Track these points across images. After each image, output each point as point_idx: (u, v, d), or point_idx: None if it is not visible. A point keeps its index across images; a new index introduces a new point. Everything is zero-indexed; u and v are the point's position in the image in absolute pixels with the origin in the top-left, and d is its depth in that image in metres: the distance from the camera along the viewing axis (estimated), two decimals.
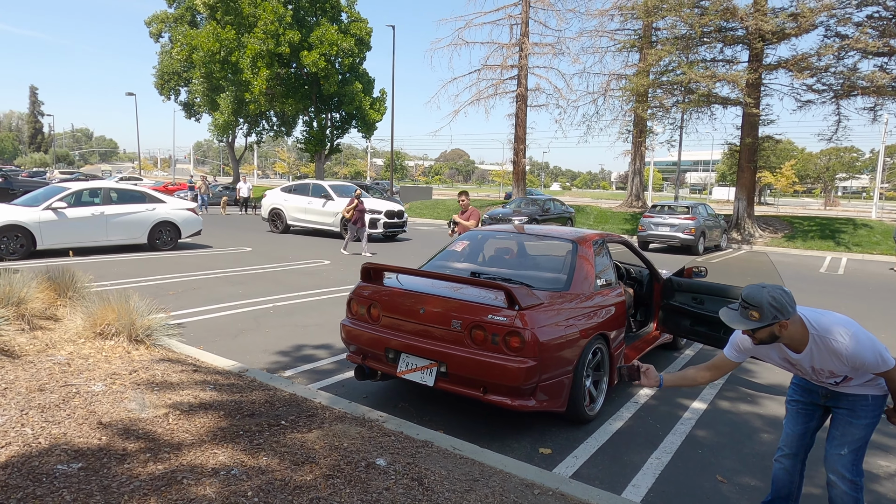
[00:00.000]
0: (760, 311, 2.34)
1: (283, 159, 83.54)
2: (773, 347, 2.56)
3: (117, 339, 4.70)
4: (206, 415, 3.51)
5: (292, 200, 17.77)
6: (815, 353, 2.45)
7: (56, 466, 2.77)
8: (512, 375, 3.57)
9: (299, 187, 18.27)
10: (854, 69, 18.93)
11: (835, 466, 2.57)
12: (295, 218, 17.62)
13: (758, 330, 2.40)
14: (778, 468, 2.81)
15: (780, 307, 2.34)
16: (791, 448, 2.77)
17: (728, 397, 4.89)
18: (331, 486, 2.80)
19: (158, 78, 42.82)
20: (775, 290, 2.36)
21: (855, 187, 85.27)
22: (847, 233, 20.11)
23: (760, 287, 2.38)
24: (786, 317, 2.35)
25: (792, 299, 2.38)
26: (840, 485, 2.56)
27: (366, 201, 16.78)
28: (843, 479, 2.55)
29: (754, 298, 2.36)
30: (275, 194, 18.45)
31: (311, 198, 17.43)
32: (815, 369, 2.53)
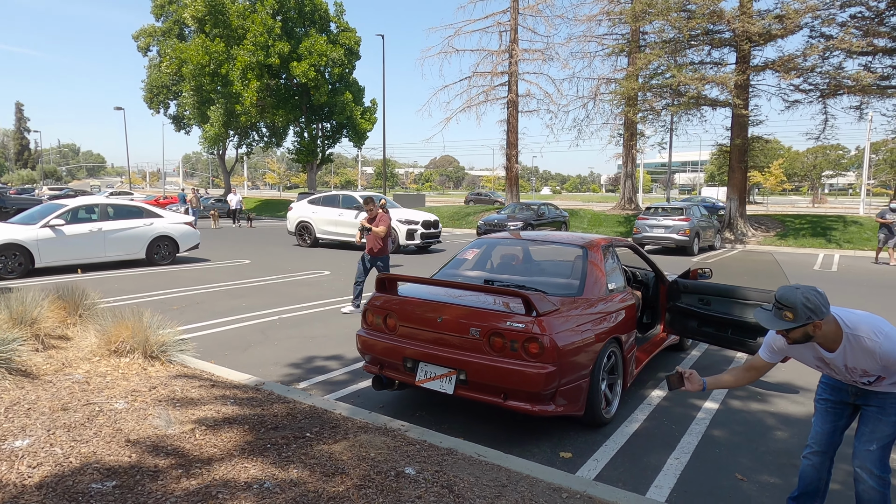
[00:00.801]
0: (794, 311, 2.40)
1: (274, 170, 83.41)
2: (807, 347, 2.61)
3: (132, 357, 4.71)
4: (231, 429, 3.53)
5: (321, 213, 16.99)
6: (848, 352, 2.50)
7: (90, 485, 2.78)
8: (532, 381, 3.62)
9: (328, 198, 17.47)
10: (839, 69, 19.24)
11: (863, 462, 2.63)
12: (325, 231, 16.87)
13: (792, 330, 2.46)
14: (806, 464, 2.87)
15: (815, 308, 2.39)
16: (820, 445, 2.83)
17: (739, 396, 4.96)
18: (364, 497, 2.83)
19: (147, 92, 42.69)
20: (809, 290, 2.42)
21: (841, 184, 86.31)
22: (838, 230, 20.37)
23: (794, 288, 2.44)
24: (820, 317, 2.40)
25: (825, 300, 2.43)
26: (868, 480, 2.62)
27: (401, 212, 16.25)
28: (871, 475, 2.61)
29: (788, 300, 2.41)
30: (301, 207, 17.60)
31: (342, 209, 16.59)
32: (848, 368, 2.58)
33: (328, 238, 16.92)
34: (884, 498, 2.62)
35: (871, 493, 2.62)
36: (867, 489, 2.63)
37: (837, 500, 3.26)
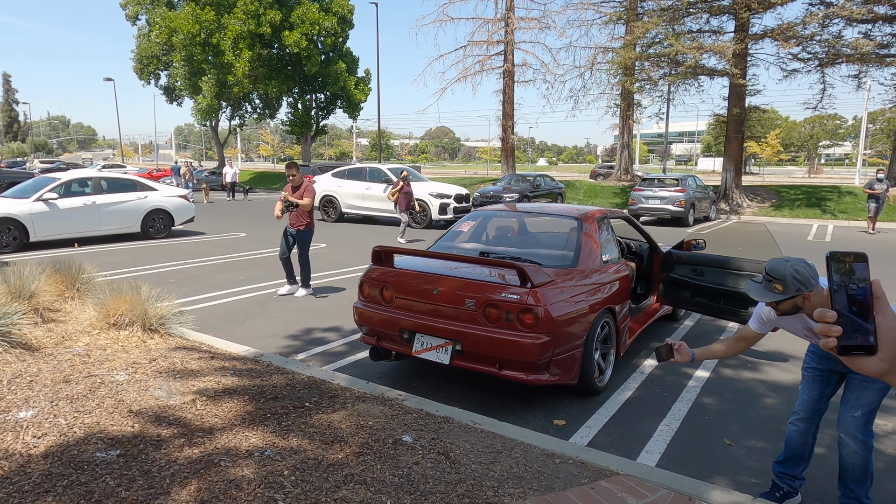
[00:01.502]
0: (784, 283, 2.44)
1: (268, 142, 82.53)
2: (797, 317, 2.66)
3: (131, 329, 4.75)
4: (231, 399, 3.59)
5: (347, 186, 16.41)
6: None
7: (95, 454, 2.85)
8: (527, 351, 3.69)
9: (353, 171, 16.87)
10: (839, 37, 19.05)
11: (848, 428, 2.72)
12: (351, 205, 16.35)
13: (781, 302, 2.50)
14: (793, 430, 2.95)
15: (804, 280, 2.43)
16: (806, 412, 2.91)
17: (730, 365, 5.06)
18: (363, 463, 2.91)
19: (137, 62, 41.94)
20: (798, 263, 2.46)
21: (838, 154, 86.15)
22: (833, 200, 20.44)
23: (784, 260, 2.48)
24: (809, 289, 2.44)
25: (815, 272, 2.47)
26: (851, 444, 2.71)
27: (431, 185, 15.84)
28: (854, 440, 2.70)
29: (778, 272, 2.45)
30: (326, 180, 16.91)
31: (370, 183, 16.01)
32: None
33: (355, 213, 16.42)
34: (866, 462, 2.71)
35: (854, 457, 2.72)
36: (851, 454, 2.72)
37: (822, 464, 3.37)
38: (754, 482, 3.20)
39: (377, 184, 15.86)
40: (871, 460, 2.74)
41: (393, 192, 12.61)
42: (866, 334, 0.81)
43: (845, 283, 0.82)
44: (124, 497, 2.51)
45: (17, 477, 2.62)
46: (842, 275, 0.83)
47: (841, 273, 0.83)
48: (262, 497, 2.56)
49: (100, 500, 2.48)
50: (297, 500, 2.56)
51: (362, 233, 14.23)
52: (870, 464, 2.74)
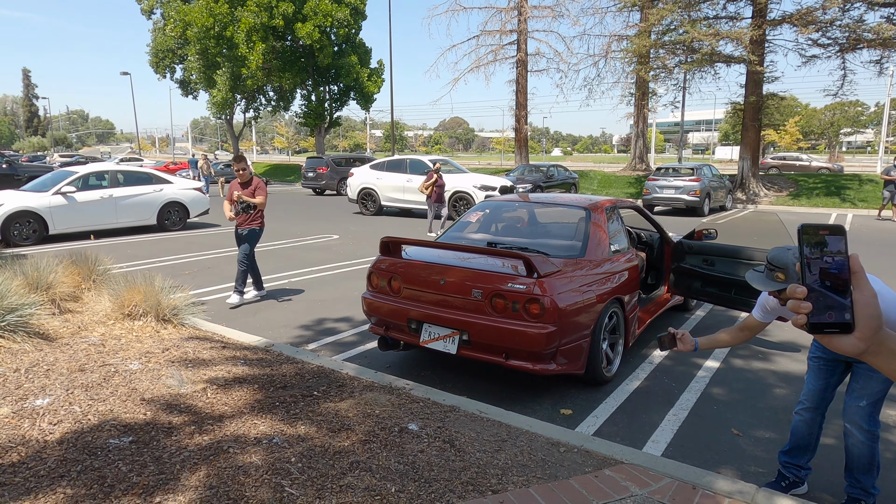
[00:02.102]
0: (786, 272, 2.43)
1: (282, 134, 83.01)
2: None
3: (145, 320, 4.84)
4: (241, 388, 3.66)
5: (387, 179, 16.02)
6: None
7: (108, 441, 2.92)
8: (533, 341, 3.70)
9: (393, 163, 16.47)
10: (860, 21, 18.61)
11: (853, 417, 2.70)
12: (391, 198, 15.97)
13: (783, 291, 2.49)
14: (798, 420, 2.94)
15: None
16: (812, 402, 2.89)
17: (741, 355, 5.03)
18: (368, 451, 2.95)
19: (153, 56, 42.27)
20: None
21: (860, 142, 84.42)
22: (852, 189, 20.07)
23: (786, 249, 2.47)
24: None
25: None
26: (857, 434, 2.69)
27: (474, 177, 15.55)
28: (860, 430, 2.68)
29: (780, 260, 2.45)
30: (364, 172, 16.61)
31: (411, 175, 15.55)
32: None
33: (395, 206, 16.10)
34: (872, 451, 2.70)
35: (860, 447, 2.70)
36: (856, 443, 2.70)
37: (829, 454, 3.35)
38: (761, 472, 3.19)
39: (419, 176, 15.22)
40: (877, 450, 2.72)
41: (426, 185, 12.11)
42: (842, 311, 0.77)
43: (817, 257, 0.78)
44: (136, 482, 2.58)
45: (34, 462, 2.70)
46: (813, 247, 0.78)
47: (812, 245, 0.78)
48: (270, 483, 2.62)
49: (112, 485, 2.55)
50: (303, 486, 2.60)
51: (388, 224, 14.27)
52: (876, 454, 2.72)
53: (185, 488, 2.55)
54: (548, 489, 2.70)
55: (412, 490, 2.63)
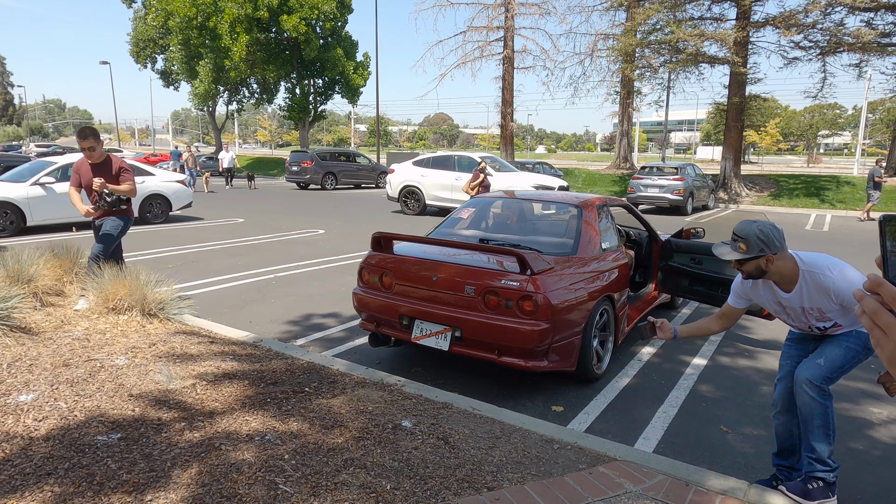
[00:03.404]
0: (748, 242, 2.46)
1: (265, 127, 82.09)
2: (766, 288, 2.66)
3: (130, 314, 4.75)
4: (231, 384, 3.61)
5: (433, 176, 15.12)
6: (804, 291, 2.53)
7: (96, 437, 2.86)
8: (526, 338, 3.70)
9: (439, 160, 15.63)
10: (841, 25, 18.95)
11: (804, 374, 2.64)
12: (437, 197, 15.09)
13: (745, 262, 2.52)
14: (776, 424, 2.95)
15: (767, 240, 2.45)
16: (783, 405, 2.88)
17: (727, 353, 5.09)
18: (362, 448, 2.93)
19: (133, 45, 41.51)
20: (765, 224, 2.49)
21: (837, 144, 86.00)
22: (831, 190, 20.45)
23: (751, 222, 2.51)
24: (772, 251, 2.45)
25: (781, 235, 2.49)
26: (807, 390, 2.62)
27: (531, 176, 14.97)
28: (810, 385, 2.61)
29: (743, 230, 2.49)
30: (406, 170, 15.67)
31: (459, 172, 14.74)
32: (805, 310, 2.59)
33: (440, 205, 15.11)
34: (825, 411, 2.62)
35: (811, 405, 2.62)
36: (807, 402, 2.63)
37: None
38: (751, 468, 3.23)
39: (468, 174, 14.25)
40: (830, 414, 2.64)
41: (472, 186, 11.30)
42: None
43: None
44: (126, 479, 2.52)
45: (19, 459, 2.64)
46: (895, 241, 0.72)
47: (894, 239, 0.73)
48: (263, 480, 2.58)
49: (101, 483, 2.49)
50: (297, 484, 2.57)
51: (378, 222, 14.19)
52: (830, 415, 2.64)
53: (176, 486, 2.50)
54: (543, 486, 2.71)
55: (408, 487, 2.61)
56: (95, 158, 5.16)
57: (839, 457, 3.33)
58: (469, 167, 14.70)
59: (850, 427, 3.73)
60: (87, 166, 5.21)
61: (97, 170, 5.19)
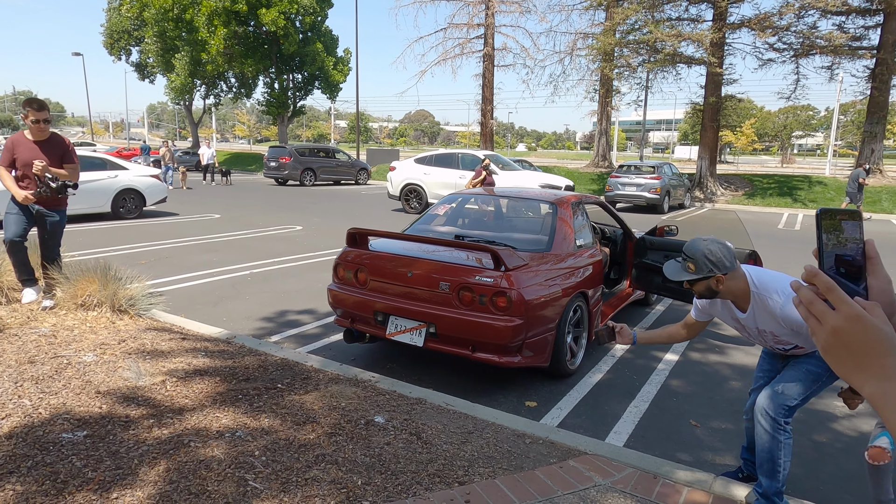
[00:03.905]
0: (696, 262, 2.39)
1: (244, 122, 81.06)
2: (725, 306, 2.58)
3: (100, 310, 4.66)
4: (202, 381, 3.56)
5: (436, 175, 14.78)
6: (756, 313, 2.45)
7: (61, 435, 2.81)
8: (500, 334, 3.72)
9: (442, 158, 15.38)
10: (814, 28, 19.35)
11: (762, 403, 2.53)
12: (440, 196, 14.26)
13: (695, 283, 2.44)
14: (747, 427, 2.96)
15: (716, 261, 2.37)
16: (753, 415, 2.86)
17: (698, 349, 5.17)
18: (334, 443, 2.92)
19: (107, 37, 40.70)
20: (714, 243, 2.40)
21: (810, 145, 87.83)
22: (803, 190, 20.87)
23: (701, 240, 2.43)
24: (721, 271, 2.37)
25: (731, 254, 2.40)
26: (762, 421, 2.51)
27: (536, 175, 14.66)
28: (766, 417, 2.50)
29: (690, 250, 2.42)
30: (408, 167, 15.31)
31: (463, 171, 14.40)
32: (759, 331, 2.51)
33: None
34: (776, 446, 2.49)
35: (764, 436, 2.52)
36: (761, 432, 2.53)
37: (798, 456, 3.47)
38: (718, 461, 3.29)
39: (472, 172, 14.01)
40: (783, 451, 2.49)
41: (475, 183, 11.02)
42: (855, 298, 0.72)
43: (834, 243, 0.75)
44: (91, 477, 2.48)
45: None
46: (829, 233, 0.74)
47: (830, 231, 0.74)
48: (233, 477, 2.56)
49: (66, 481, 2.45)
50: (267, 480, 2.56)
51: (356, 217, 14.11)
52: (779, 454, 2.49)
53: (143, 483, 2.47)
54: (513, 480, 2.73)
55: (379, 482, 2.61)
56: (39, 133, 4.61)
57: (803, 449, 3.42)
58: (472, 165, 14.49)
59: (814, 420, 3.82)
60: (26, 144, 4.59)
61: (43, 148, 4.61)
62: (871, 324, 0.67)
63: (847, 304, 0.68)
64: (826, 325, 0.69)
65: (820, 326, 0.69)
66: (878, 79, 19.86)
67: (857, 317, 0.67)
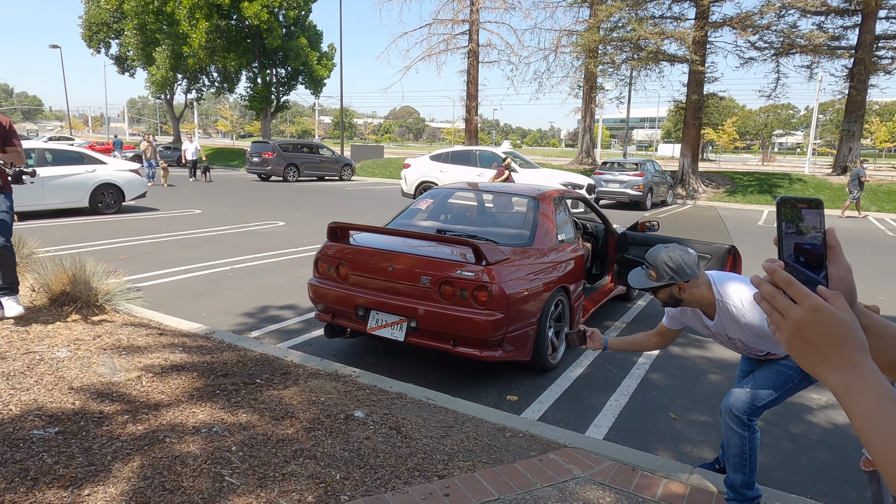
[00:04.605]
0: (657, 270, 2.34)
1: (226, 117, 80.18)
2: (694, 314, 2.54)
3: (75, 305, 4.58)
4: (179, 376, 3.51)
5: (453, 172, 14.38)
6: (724, 321, 2.40)
7: (32, 432, 2.75)
8: (481, 328, 3.72)
9: (459, 155, 15.00)
10: (794, 27, 19.61)
11: (728, 402, 2.52)
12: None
13: (657, 291, 2.40)
14: None
15: (677, 268, 2.32)
16: None
17: (679, 343, 5.21)
18: (313, 438, 2.89)
19: (86, 29, 39.93)
20: (675, 250, 2.35)
21: (790, 143, 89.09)
22: (783, 187, 21.17)
23: (662, 247, 2.38)
24: (683, 279, 2.33)
25: (694, 261, 2.36)
26: (727, 419, 2.51)
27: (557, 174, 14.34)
28: (730, 415, 2.49)
29: (652, 257, 2.37)
30: (423, 165, 14.95)
31: (481, 168, 14.03)
32: (729, 338, 2.48)
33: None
34: (741, 442, 2.48)
35: (729, 433, 2.51)
36: (726, 430, 2.52)
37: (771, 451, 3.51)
38: (696, 453, 3.32)
39: (490, 170, 13.80)
40: (749, 446, 2.47)
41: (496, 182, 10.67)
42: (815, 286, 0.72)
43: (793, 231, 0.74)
44: (62, 474, 2.43)
45: None
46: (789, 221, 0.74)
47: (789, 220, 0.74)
48: (209, 473, 2.52)
49: (36, 478, 2.39)
50: (244, 475, 2.53)
51: (340, 212, 14.02)
52: (746, 449, 2.48)
53: (116, 479, 2.42)
54: (493, 473, 2.73)
55: (357, 477, 2.60)
56: None
57: (778, 441, 3.46)
58: (489, 162, 14.20)
59: (790, 412, 3.87)
60: None
61: None
62: (832, 314, 0.66)
63: (807, 296, 0.68)
64: (789, 319, 0.68)
65: (783, 320, 0.69)
66: (856, 78, 20.20)
67: (818, 307, 0.67)
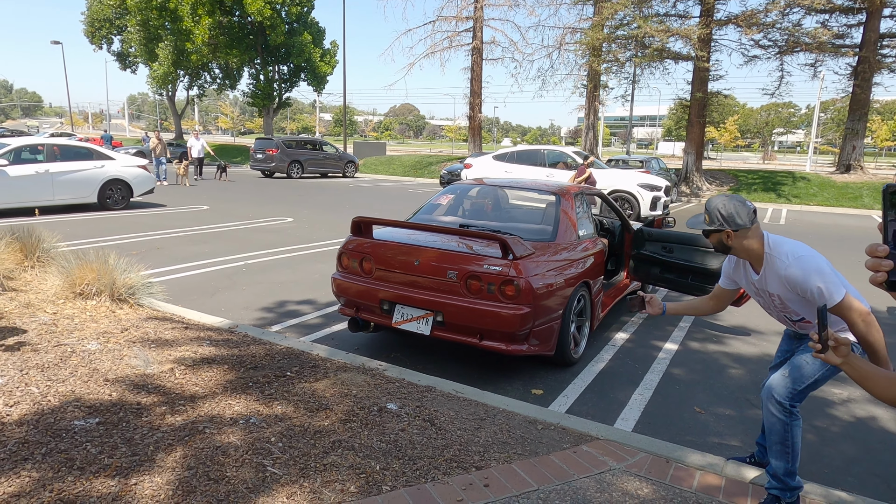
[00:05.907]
0: (710, 215, 2.47)
1: (227, 114, 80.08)
2: (745, 268, 2.63)
3: (99, 299, 4.60)
4: (210, 369, 3.54)
5: (519, 173, 13.48)
6: (767, 275, 2.49)
7: (73, 422, 2.77)
8: (508, 322, 3.74)
9: (525, 155, 14.00)
10: (798, 25, 19.60)
11: (770, 387, 2.55)
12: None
13: (709, 234, 2.53)
14: None
15: (727, 216, 2.43)
16: None
17: (697, 338, 5.25)
18: (349, 430, 2.92)
19: (88, 25, 39.89)
20: (731, 199, 2.46)
21: (790, 142, 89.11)
22: (787, 185, 21.19)
23: (722, 196, 2.51)
24: (731, 227, 2.43)
25: (747, 212, 2.45)
26: (769, 406, 2.54)
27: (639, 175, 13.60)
28: (772, 401, 2.52)
29: (709, 203, 2.51)
30: (486, 164, 13.94)
31: (550, 168, 13.22)
32: (769, 295, 2.55)
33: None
34: (784, 428, 2.51)
35: (770, 419, 2.54)
36: (769, 416, 2.55)
37: None
38: (725, 445, 3.35)
39: (560, 171, 13.21)
40: (791, 434, 2.51)
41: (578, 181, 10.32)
42: None
43: None
44: (108, 463, 2.46)
45: None
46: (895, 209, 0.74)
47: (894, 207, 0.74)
48: (251, 463, 2.55)
49: (82, 467, 2.42)
50: (286, 466, 2.55)
51: (349, 210, 14.03)
52: (789, 436, 2.51)
53: (161, 469, 2.45)
54: (530, 465, 2.75)
55: (397, 468, 2.62)
56: None
57: (804, 434, 3.49)
58: (557, 161, 13.63)
59: (814, 406, 3.90)
60: None
61: None
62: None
63: None
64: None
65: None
66: (860, 76, 20.20)
67: None
